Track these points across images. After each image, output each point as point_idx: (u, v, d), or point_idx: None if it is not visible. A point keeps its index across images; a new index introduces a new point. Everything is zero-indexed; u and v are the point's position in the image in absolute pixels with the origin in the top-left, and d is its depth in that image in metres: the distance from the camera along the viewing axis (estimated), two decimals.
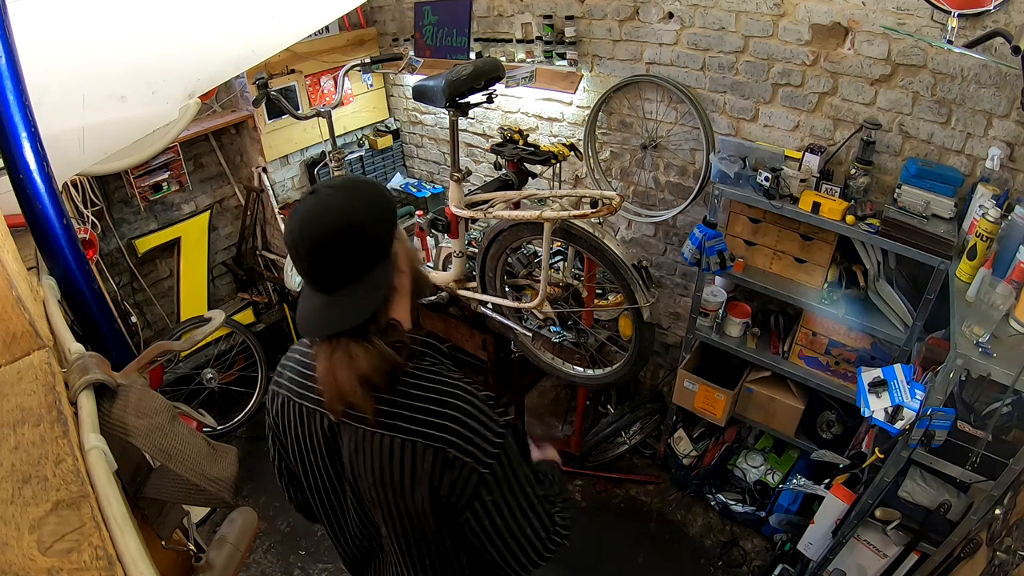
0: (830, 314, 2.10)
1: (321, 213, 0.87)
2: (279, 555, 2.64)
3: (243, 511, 0.96)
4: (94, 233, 2.16)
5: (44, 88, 1.05)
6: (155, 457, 0.70)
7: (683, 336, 2.58)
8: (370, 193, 0.92)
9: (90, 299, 1.03)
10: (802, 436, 2.41)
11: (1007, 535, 1.36)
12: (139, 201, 2.89)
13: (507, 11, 2.81)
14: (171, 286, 3.19)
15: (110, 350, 1.05)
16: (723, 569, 2.52)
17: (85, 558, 0.49)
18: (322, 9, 1.90)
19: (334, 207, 0.88)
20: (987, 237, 1.62)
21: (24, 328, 0.73)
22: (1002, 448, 1.55)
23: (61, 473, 0.55)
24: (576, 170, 2.95)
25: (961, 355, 1.47)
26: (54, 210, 0.95)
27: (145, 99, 1.48)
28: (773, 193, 2.03)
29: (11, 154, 0.90)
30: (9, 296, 0.75)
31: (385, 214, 0.93)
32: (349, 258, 0.89)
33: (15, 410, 0.62)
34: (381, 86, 3.55)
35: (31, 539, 0.50)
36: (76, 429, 0.62)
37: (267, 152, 3.09)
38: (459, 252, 2.07)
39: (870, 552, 1.96)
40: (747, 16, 2.13)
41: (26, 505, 0.53)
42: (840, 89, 2.05)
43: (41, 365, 0.69)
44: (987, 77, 1.76)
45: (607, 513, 2.76)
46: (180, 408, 0.90)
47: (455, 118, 1.90)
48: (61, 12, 1.16)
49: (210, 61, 1.62)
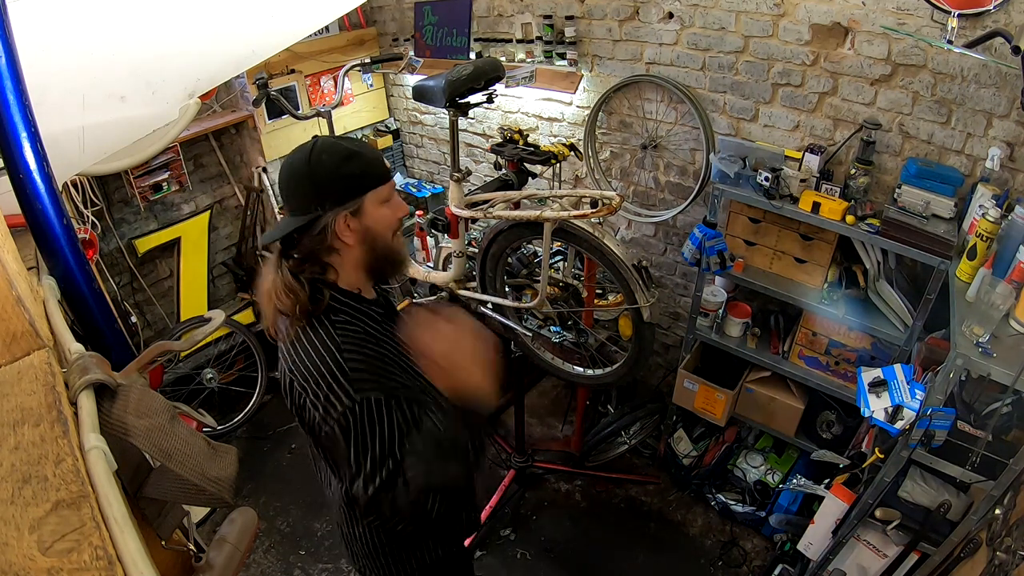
0: (830, 314, 2.10)
1: (300, 149, 1.12)
2: (279, 555, 2.64)
3: (243, 511, 0.95)
4: (94, 233, 2.16)
5: (44, 88, 1.05)
6: (155, 457, 0.70)
7: (683, 336, 2.58)
8: (340, 159, 1.10)
9: (90, 299, 1.03)
10: (802, 436, 2.41)
11: (1007, 535, 1.35)
12: (139, 201, 2.89)
13: (507, 11, 2.81)
14: (171, 286, 3.19)
15: (110, 350, 1.05)
16: (723, 569, 2.52)
17: (85, 558, 0.49)
18: (322, 9, 1.90)
19: (308, 150, 1.10)
20: (987, 237, 1.62)
21: (24, 328, 0.73)
22: (1002, 448, 1.55)
23: (61, 473, 0.55)
24: (576, 170, 2.95)
25: (961, 355, 1.47)
26: (54, 210, 0.95)
27: (145, 99, 1.48)
28: (773, 193, 2.03)
29: (11, 154, 0.90)
30: (9, 296, 0.75)
31: (338, 179, 1.10)
32: (293, 191, 1.12)
33: (15, 410, 0.62)
34: (381, 86, 3.55)
35: (31, 539, 0.50)
36: (76, 429, 0.62)
37: (267, 152, 3.09)
38: (459, 252, 2.07)
39: (870, 552, 1.95)
40: (747, 16, 2.13)
41: (26, 505, 0.52)
42: (840, 89, 2.05)
43: (41, 365, 0.69)
44: (987, 77, 1.76)
45: (607, 513, 2.76)
46: (180, 408, 0.90)
47: (455, 118, 1.90)
48: (61, 12, 1.16)
49: (210, 61, 1.62)
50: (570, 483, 2.90)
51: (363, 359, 1.09)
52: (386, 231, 1.18)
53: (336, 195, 1.10)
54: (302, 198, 1.11)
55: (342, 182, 1.11)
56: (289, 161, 1.13)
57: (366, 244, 1.16)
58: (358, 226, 1.14)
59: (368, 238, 1.16)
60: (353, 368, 1.06)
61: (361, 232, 1.14)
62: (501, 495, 2.71)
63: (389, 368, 1.13)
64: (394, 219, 1.19)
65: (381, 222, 1.16)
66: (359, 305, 1.18)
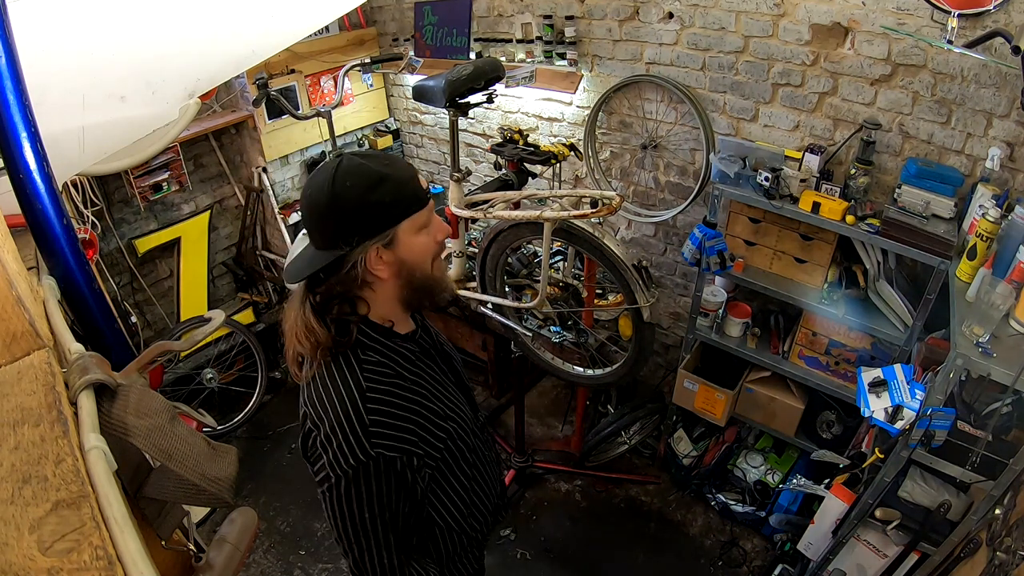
0: (830, 314, 2.10)
1: (322, 172, 0.98)
2: (279, 555, 2.64)
3: (243, 511, 0.95)
4: (94, 233, 2.16)
5: (44, 88, 1.05)
6: (155, 457, 0.70)
7: (683, 336, 2.58)
8: (367, 185, 0.96)
9: (90, 299, 1.03)
10: (802, 436, 2.41)
11: (1007, 535, 1.35)
12: (139, 201, 2.89)
13: (507, 11, 2.81)
14: (171, 286, 3.19)
15: (110, 350, 1.05)
16: (723, 569, 2.52)
17: (85, 558, 0.49)
18: (322, 9, 1.90)
19: (331, 174, 0.96)
20: (987, 237, 1.62)
21: (24, 328, 0.73)
22: (1002, 448, 1.55)
23: (61, 473, 0.55)
24: (576, 170, 2.95)
25: (961, 355, 1.47)
26: (54, 210, 0.95)
27: (145, 99, 1.48)
28: (773, 193, 2.03)
29: (11, 154, 0.90)
30: (9, 296, 0.75)
31: (366, 209, 0.97)
32: (316, 224, 1.00)
33: (15, 410, 0.62)
34: (381, 86, 3.55)
35: (31, 539, 0.50)
36: (76, 429, 0.61)
37: (267, 152, 3.10)
38: (459, 252, 2.07)
39: (870, 552, 1.95)
40: (747, 16, 2.13)
41: (26, 505, 0.52)
42: (840, 89, 2.05)
43: (41, 365, 0.69)
44: (987, 77, 1.76)
45: (607, 513, 2.76)
46: (180, 408, 0.90)
47: (455, 118, 1.90)
48: (61, 12, 1.16)
49: (210, 61, 1.62)
50: (570, 483, 2.90)
51: (386, 409, 1.00)
52: (424, 260, 1.05)
53: (365, 228, 0.97)
54: (326, 232, 0.98)
55: (371, 212, 0.96)
56: (310, 187, 0.99)
57: (402, 277, 1.04)
58: (392, 258, 1.01)
59: (404, 271, 1.03)
60: (373, 420, 0.97)
61: (396, 265, 1.01)
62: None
63: (416, 422, 1.04)
64: (434, 245, 1.06)
65: (419, 251, 1.03)
66: (391, 343, 1.07)
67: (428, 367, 1.13)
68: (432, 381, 1.11)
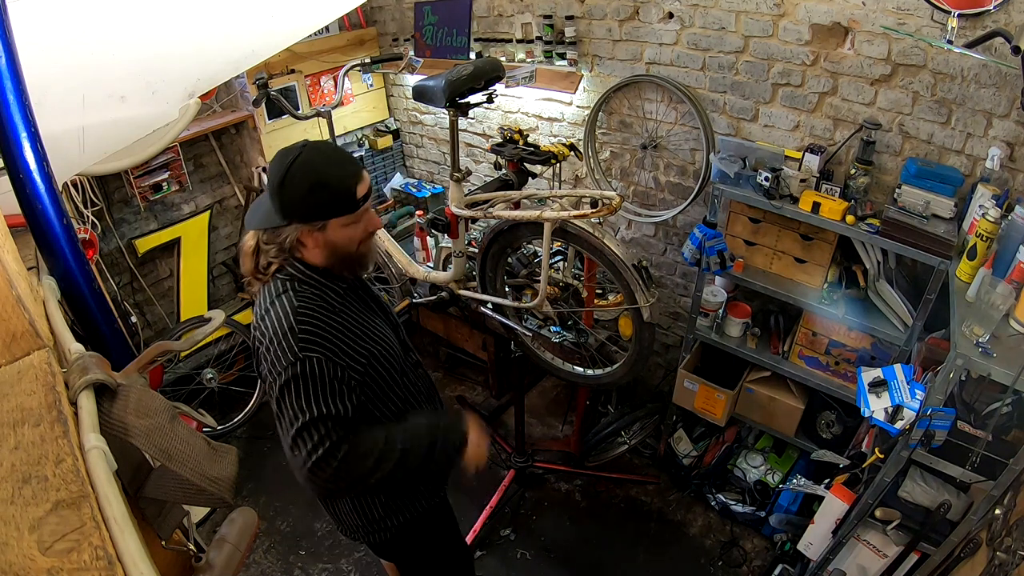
0: (830, 314, 2.10)
1: (284, 156, 1.19)
2: (279, 555, 2.64)
3: (243, 511, 0.95)
4: (94, 233, 2.16)
5: (44, 88, 1.05)
6: (155, 457, 0.70)
7: (683, 336, 2.58)
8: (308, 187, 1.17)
9: (90, 299, 1.03)
10: (802, 436, 2.41)
11: (1007, 535, 1.36)
12: (139, 201, 2.89)
13: (507, 11, 2.81)
14: (171, 286, 3.19)
15: (110, 350, 1.05)
16: (723, 569, 2.52)
17: (85, 558, 0.49)
18: (322, 9, 1.90)
19: (288, 163, 1.17)
20: (987, 237, 1.62)
21: (24, 328, 0.73)
22: (1002, 448, 1.55)
23: (61, 473, 0.55)
24: (576, 170, 2.95)
25: (961, 355, 1.47)
26: (54, 210, 0.95)
27: (145, 99, 1.48)
28: (773, 193, 2.03)
29: (11, 154, 0.90)
30: (9, 296, 0.75)
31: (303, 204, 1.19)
32: (268, 197, 1.21)
33: (15, 410, 0.62)
34: (381, 86, 3.55)
35: (31, 539, 0.50)
36: (76, 429, 0.62)
37: (267, 152, 3.09)
38: (459, 252, 2.07)
39: (870, 552, 1.95)
40: (747, 16, 2.13)
41: (26, 505, 0.53)
42: (840, 89, 2.05)
43: (41, 365, 0.69)
44: (987, 77, 1.76)
45: (607, 513, 2.76)
46: (180, 408, 0.90)
47: (455, 118, 1.90)
48: (61, 12, 1.16)
49: (210, 61, 1.62)
50: (570, 483, 2.90)
51: (313, 324, 1.19)
52: (349, 245, 1.26)
53: (301, 216, 1.20)
54: (273, 205, 1.21)
55: (308, 207, 1.19)
56: (272, 165, 1.21)
57: (327, 251, 1.25)
58: (321, 239, 1.23)
59: (330, 248, 1.25)
60: (302, 329, 1.17)
61: (324, 243, 1.24)
62: (501, 495, 2.71)
63: (339, 336, 1.22)
64: (361, 234, 1.27)
65: (344, 238, 1.25)
66: (323, 279, 1.27)
67: (354, 300, 1.33)
68: (357, 311, 1.31)
